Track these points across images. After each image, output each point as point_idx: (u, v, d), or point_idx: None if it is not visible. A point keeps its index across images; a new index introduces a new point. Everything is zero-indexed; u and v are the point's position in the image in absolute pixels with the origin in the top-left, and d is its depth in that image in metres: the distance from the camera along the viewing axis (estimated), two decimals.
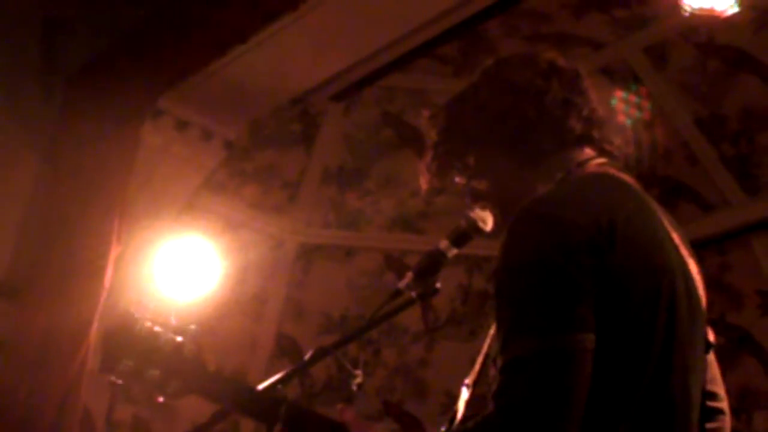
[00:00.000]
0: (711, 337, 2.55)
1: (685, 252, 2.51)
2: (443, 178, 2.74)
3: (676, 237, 2.51)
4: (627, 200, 2.43)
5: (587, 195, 2.41)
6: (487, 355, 2.76)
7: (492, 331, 2.68)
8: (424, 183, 2.77)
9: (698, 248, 2.64)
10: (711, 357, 2.57)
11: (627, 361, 2.27)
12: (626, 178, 2.56)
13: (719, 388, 2.61)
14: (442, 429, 2.77)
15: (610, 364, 2.23)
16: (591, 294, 2.23)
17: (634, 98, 2.61)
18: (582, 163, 2.56)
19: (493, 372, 2.48)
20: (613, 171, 2.56)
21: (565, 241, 2.24)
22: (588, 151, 2.60)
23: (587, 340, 2.20)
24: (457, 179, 2.73)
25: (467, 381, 2.80)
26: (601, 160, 2.59)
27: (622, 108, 2.60)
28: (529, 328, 2.21)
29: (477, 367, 2.80)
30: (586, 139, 2.60)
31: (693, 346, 2.41)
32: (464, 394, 2.79)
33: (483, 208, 2.77)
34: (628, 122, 2.63)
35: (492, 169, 2.65)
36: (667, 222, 2.51)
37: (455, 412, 2.77)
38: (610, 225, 2.29)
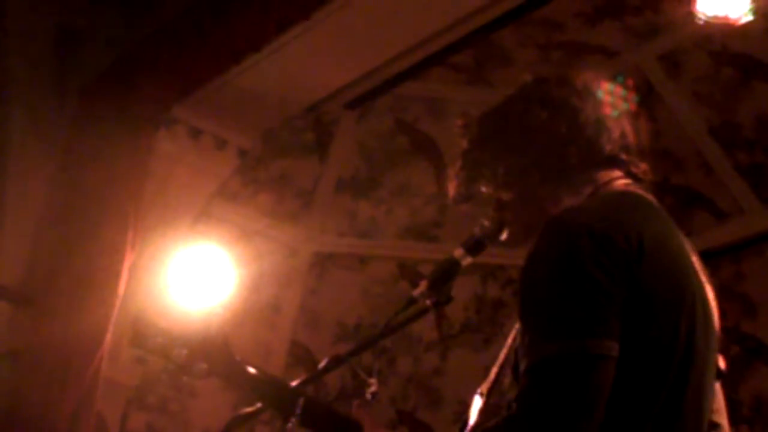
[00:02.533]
0: (722, 364, 2.58)
1: (704, 278, 2.54)
2: (471, 186, 2.77)
3: (696, 261, 2.54)
4: (653, 220, 2.47)
5: (616, 210, 2.45)
6: (502, 365, 2.77)
7: (510, 340, 2.70)
8: (451, 190, 2.80)
9: (712, 257, 2.67)
10: (718, 386, 2.59)
11: (645, 376, 2.30)
12: (651, 198, 2.59)
13: (723, 420, 2.62)
14: None
15: (628, 377, 2.26)
16: (619, 305, 2.27)
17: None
18: (608, 182, 2.60)
19: (507, 381, 2.49)
20: (638, 191, 2.60)
21: (597, 251, 2.29)
22: (615, 172, 2.64)
23: (612, 348, 2.24)
24: (484, 189, 2.75)
25: (481, 389, 2.80)
26: (627, 180, 2.63)
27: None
28: (556, 332, 2.25)
29: (492, 375, 2.80)
30: (614, 160, 2.64)
31: (707, 371, 2.44)
32: (477, 402, 2.79)
33: (501, 219, 2.77)
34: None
35: (520, 181, 2.67)
36: (688, 246, 2.54)
37: (466, 420, 2.77)
38: (638, 241, 2.33)
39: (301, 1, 5.34)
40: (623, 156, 2.64)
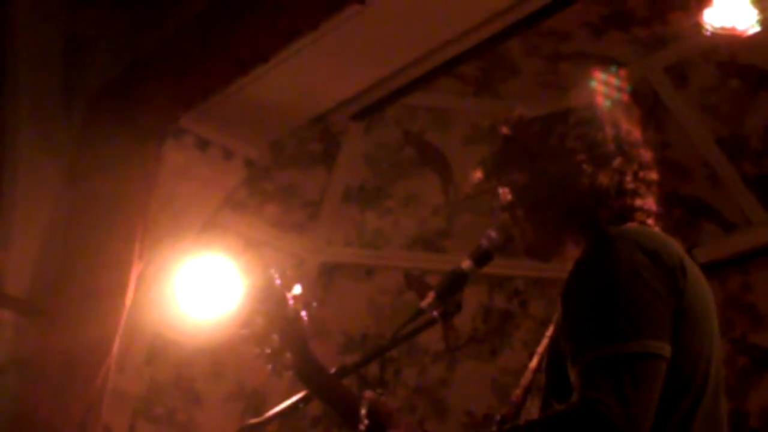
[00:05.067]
0: None
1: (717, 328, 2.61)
2: (490, 178, 2.80)
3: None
4: (684, 253, 2.56)
5: (656, 235, 2.58)
6: (536, 371, 2.79)
7: (540, 348, 2.72)
8: (477, 174, 2.83)
9: (720, 268, 2.70)
10: None
11: (684, 385, 2.42)
12: None
13: None
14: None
15: (671, 380, 2.38)
16: (671, 312, 2.41)
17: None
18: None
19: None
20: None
21: (651, 264, 2.42)
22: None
23: (668, 350, 2.37)
24: (500, 188, 2.77)
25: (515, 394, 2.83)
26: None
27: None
28: (619, 331, 2.35)
29: (525, 382, 2.82)
30: (641, 224, 2.67)
31: (720, 389, 2.54)
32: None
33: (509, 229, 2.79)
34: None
35: (538, 207, 2.72)
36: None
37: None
38: (680, 260, 2.48)
39: (309, 11, 5.34)
40: (649, 222, 2.69)
